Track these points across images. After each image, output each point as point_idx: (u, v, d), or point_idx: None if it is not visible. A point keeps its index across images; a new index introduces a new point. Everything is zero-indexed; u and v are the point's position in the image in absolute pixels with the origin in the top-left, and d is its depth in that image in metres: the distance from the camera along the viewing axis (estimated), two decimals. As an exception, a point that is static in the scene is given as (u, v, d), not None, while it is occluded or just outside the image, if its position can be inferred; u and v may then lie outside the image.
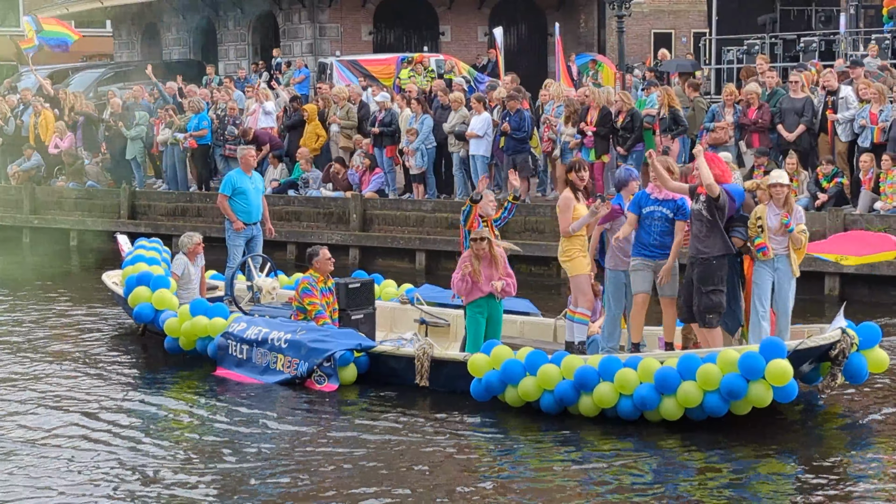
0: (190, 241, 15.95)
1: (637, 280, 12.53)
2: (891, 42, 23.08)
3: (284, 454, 11.03)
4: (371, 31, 36.81)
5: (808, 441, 11.55)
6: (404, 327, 15.17)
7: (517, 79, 23.38)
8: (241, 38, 38.38)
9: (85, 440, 11.38)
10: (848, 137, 19.12)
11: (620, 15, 23.92)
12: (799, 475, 10.36)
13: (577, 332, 13.20)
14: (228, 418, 12.24)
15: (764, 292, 12.12)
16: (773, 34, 25.27)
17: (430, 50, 34.32)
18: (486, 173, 21.54)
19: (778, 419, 11.85)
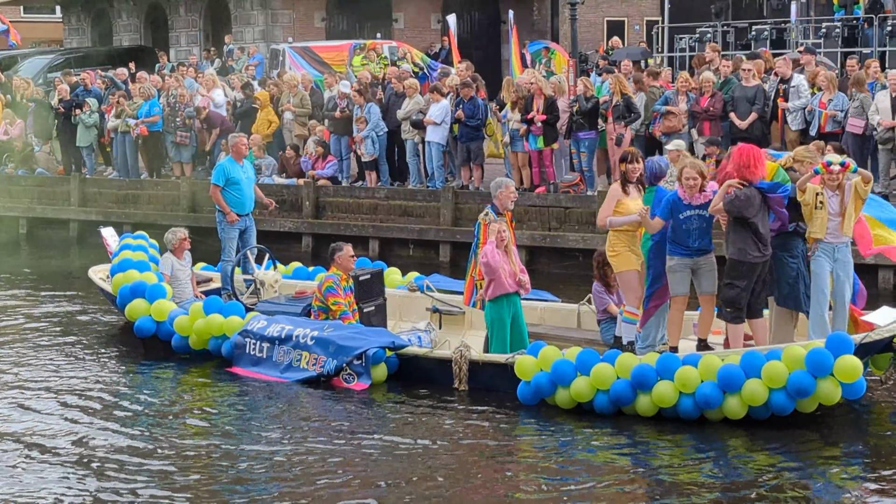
0: (174, 238, 15.52)
1: (675, 281, 12.13)
2: (841, 30, 23.25)
3: (321, 453, 10.91)
4: (324, 18, 36.65)
5: (871, 438, 11.33)
6: (414, 316, 14.92)
7: (471, 66, 23.33)
8: (193, 25, 38.11)
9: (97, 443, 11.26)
10: (799, 126, 19.22)
11: (573, 3, 23.94)
12: (865, 476, 10.15)
13: (626, 332, 12.72)
14: (252, 415, 12.16)
15: (823, 282, 11.78)
16: (725, 22, 25.39)
17: (383, 37, 34.22)
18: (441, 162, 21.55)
19: (839, 414, 11.61)
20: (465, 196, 21.23)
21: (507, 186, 13.24)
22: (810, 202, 11.70)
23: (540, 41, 34.64)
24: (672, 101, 19.95)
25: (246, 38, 35.81)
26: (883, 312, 11.74)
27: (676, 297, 12.17)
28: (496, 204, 13.16)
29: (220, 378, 13.60)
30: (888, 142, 18.19)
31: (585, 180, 20.49)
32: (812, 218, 11.77)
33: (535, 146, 20.45)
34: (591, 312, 13.88)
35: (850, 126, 18.31)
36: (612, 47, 31.43)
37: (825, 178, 11.70)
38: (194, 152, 24.74)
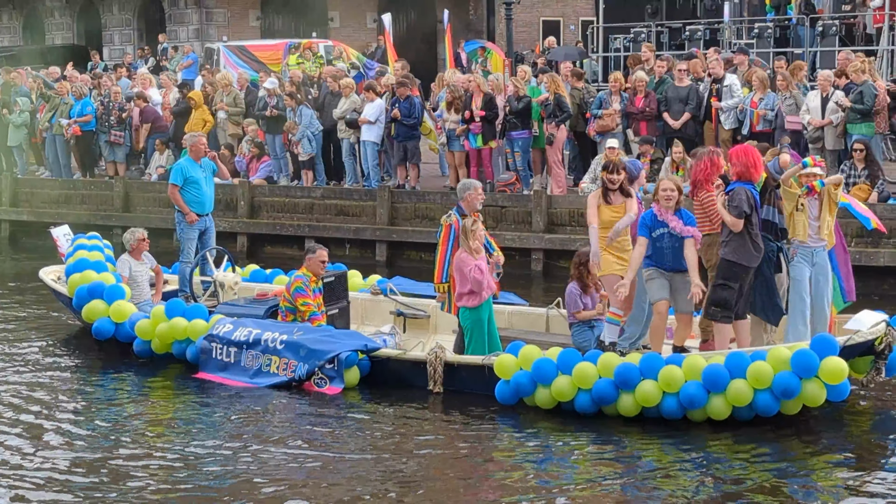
0: (133, 238, 15.11)
1: (654, 288, 12.00)
2: (773, 31, 23.48)
3: (293, 460, 10.66)
4: (259, 17, 36.49)
5: (853, 441, 11.28)
6: (378, 319, 14.65)
7: (407, 65, 23.32)
8: (126, 24, 37.80)
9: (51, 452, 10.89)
10: (731, 125, 19.40)
11: (509, 2, 24.00)
12: (847, 479, 10.08)
13: (608, 332, 12.48)
14: (218, 422, 11.84)
15: (803, 287, 11.76)
16: (660, 23, 25.55)
17: (318, 36, 34.12)
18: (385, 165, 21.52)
19: (822, 417, 11.55)
20: (401, 195, 21.20)
21: (476, 188, 13.01)
22: (792, 204, 11.73)
23: (476, 41, 34.67)
24: (606, 103, 20.06)
25: (180, 37, 35.58)
26: (864, 316, 11.66)
27: (658, 303, 11.99)
28: (463, 206, 12.95)
29: (185, 384, 13.20)
30: (817, 141, 18.40)
31: (521, 179, 20.53)
32: (793, 221, 11.78)
33: (475, 145, 20.47)
34: (561, 316, 13.71)
35: (788, 124, 18.50)
36: (547, 47, 31.53)
37: (804, 180, 11.73)
38: (128, 152, 24.51)
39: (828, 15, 23.25)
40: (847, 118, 17.99)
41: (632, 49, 24.20)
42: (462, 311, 12.65)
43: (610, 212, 12.38)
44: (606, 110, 19.96)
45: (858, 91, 17.83)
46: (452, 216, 12.81)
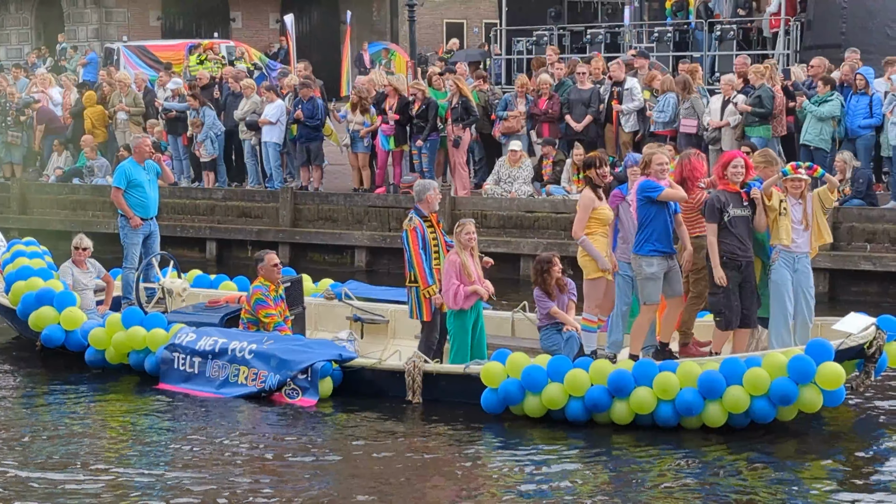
0: (80, 243, 14.61)
1: (653, 289, 11.75)
2: (672, 35, 23.76)
3: (264, 475, 10.28)
4: (159, 17, 36.09)
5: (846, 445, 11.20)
6: (333, 325, 14.24)
7: (309, 66, 23.21)
8: (24, 23, 37.13)
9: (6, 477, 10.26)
10: (632, 128, 19.59)
11: (412, 4, 24.00)
12: (841, 483, 10.02)
13: (586, 341, 12.31)
14: (183, 434, 11.38)
15: (785, 292, 11.68)
16: (562, 26, 25.73)
17: (220, 36, 33.86)
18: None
19: (814, 422, 11.46)
20: (303, 197, 21.10)
21: (434, 189, 12.76)
22: (776, 208, 11.67)
23: (379, 42, 34.70)
24: (511, 105, 20.16)
25: (79, 36, 35.04)
26: (852, 319, 11.60)
27: (652, 305, 11.82)
28: (421, 207, 12.64)
29: (145, 395, 12.69)
30: (716, 142, 18.66)
31: (425, 181, 20.51)
32: (776, 225, 11.72)
33: (387, 147, 20.44)
34: (526, 320, 13.53)
35: (683, 127, 18.73)
36: (450, 49, 31.61)
37: (788, 186, 11.72)
38: (25, 153, 24.08)
39: (725, 20, 23.57)
40: (745, 121, 18.26)
41: (534, 52, 24.33)
42: (449, 314, 12.35)
43: (608, 209, 12.20)
44: (512, 112, 20.05)
45: (757, 95, 18.11)
46: (414, 219, 12.56)
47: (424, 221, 12.57)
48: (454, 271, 12.21)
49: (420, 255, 12.45)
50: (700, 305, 12.36)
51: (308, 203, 21.04)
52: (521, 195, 19.40)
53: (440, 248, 12.60)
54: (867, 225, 16.57)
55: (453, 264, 12.25)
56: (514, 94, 20.44)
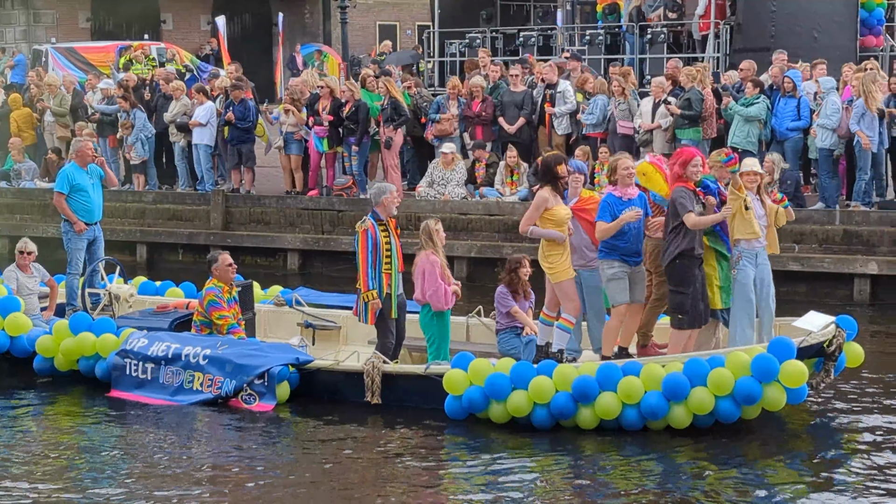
0: (24, 247, 14.26)
1: (619, 289, 11.74)
2: (604, 38, 23.87)
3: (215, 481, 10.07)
4: (89, 18, 35.72)
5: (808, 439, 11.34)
6: (283, 331, 14.00)
7: (240, 68, 23.08)
8: (-52, 24, 36.56)
9: None
10: (565, 130, 19.67)
11: (343, 6, 23.90)
12: (806, 482, 10.05)
13: (558, 340, 12.21)
14: (137, 443, 11.14)
15: (749, 291, 11.69)
16: (494, 28, 25.76)
17: (150, 38, 33.56)
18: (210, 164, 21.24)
19: (773, 419, 11.50)
20: (235, 199, 20.96)
21: (392, 192, 12.64)
22: (742, 201, 11.66)
23: (312, 44, 34.57)
24: (443, 108, 20.15)
25: (7, 38, 34.57)
26: (812, 317, 11.66)
27: (620, 306, 11.80)
28: (378, 211, 12.50)
29: (95, 403, 12.42)
30: (647, 144, 18.78)
31: (357, 183, 20.48)
32: (742, 221, 11.67)
33: (321, 149, 20.36)
34: (481, 325, 13.41)
35: (619, 128, 18.84)
36: (383, 52, 31.56)
37: (745, 181, 11.70)
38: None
39: (656, 23, 23.72)
40: (676, 123, 18.40)
41: (467, 54, 24.34)
42: (423, 314, 12.24)
43: (564, 210, 12.14)
44: (444, 114, 20.04)
45: (686, 98, 18.25)
46: (367, 221, 12.43)
47: (379, 225, 12.45)
48: (437, 272, 12.13)
49: (367, 258, 12.34)
50: (662, 308, 12.36)
51: (240, 206, 20.91)
52: (455, 197, 19.39)
53: (393, 253, 12.43)
54: (795, 226, 16.74)
55: (435, 265, 12.15)
56: (445, 97, 20.43)
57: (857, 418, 11.78)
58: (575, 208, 12.22)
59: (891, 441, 11.07)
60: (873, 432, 11.32)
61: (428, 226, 12.36)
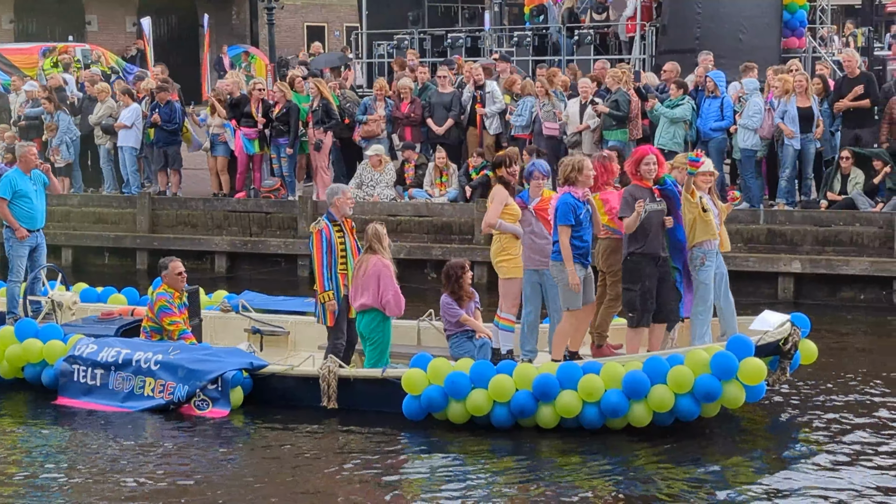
0: None
1: (573, 292, 11.63)
2: (532, 39, 23.96)
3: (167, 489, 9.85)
4: (12, 20, 35.29)
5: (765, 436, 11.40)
6: (230, 337, 13.75)
7: (166, 70, 22.89)
8: None
9: None
10: (496, 130, 19.72)
11: (270, 7, 23.80)
12: (764, 480, 10.08)
13: (504, 340, 12.26)
14: (85, 451, 10.83)
15: (710, 292, 11.72)
16: (422, 30, 25.77)
17: (75, 40, 33.17)
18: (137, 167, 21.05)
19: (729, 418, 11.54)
20: (162, 202, 20.80)
21: (344, 192, 12.55)
22: (698, 206, 11.68)
23: (239, 45, 34.37)
24: (370, 109, 20.13)
25: (-73, 39, 34.00)
26: (767, 316, 11.74)
27: (575, 310, 11.72)
28: (332, 212, 12.44)
29: (42, 411, 12.12)
30: (576, 145, 18.88)
31: (286, 185, 20.40)
32: (702, 224, 11.72)
33: (251, 150, 20.24)
34: (433, 328, 13.35)
35: (545, 129, 18.90)
36: (312, 53, 31.44)
37: (700, 181, 11.76)
38: None
39: (584, 24, 23.85)
40: (603, 124, 18.51)
41: (395, 55, 24.33)
42: (370, 320, 12.06)
43: (516, 207, 12.15)
44: (371, 116, 20.02)
45: (614, 98, 18.37)
46: (321, 222, 12.37)
47: (334, 226, 12.39)
48: (391, 276, 11.98)
49: (322, 259, 12.29)
50: (616, 308, 12.35)
51: (166, 208, 20.74)
52: (384, 199, 19.37)
53: (348, 254, 12.36)
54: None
55: (390, 269, 12.00)
56: (372, 98, 20.41)
57: (811, 415, 11.89)
58: (536, 208, 12.19)
59: (844, 436, 11.20)
60: (827, 429, 11.44)
61: (377, 230, 12.14)
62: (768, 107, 17.87)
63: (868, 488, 9.83)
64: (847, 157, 17.65)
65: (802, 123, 17.74)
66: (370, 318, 12.07)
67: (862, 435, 11.19)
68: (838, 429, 11.40)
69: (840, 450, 10.80)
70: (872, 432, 11.26)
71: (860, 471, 10.24)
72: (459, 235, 18.95)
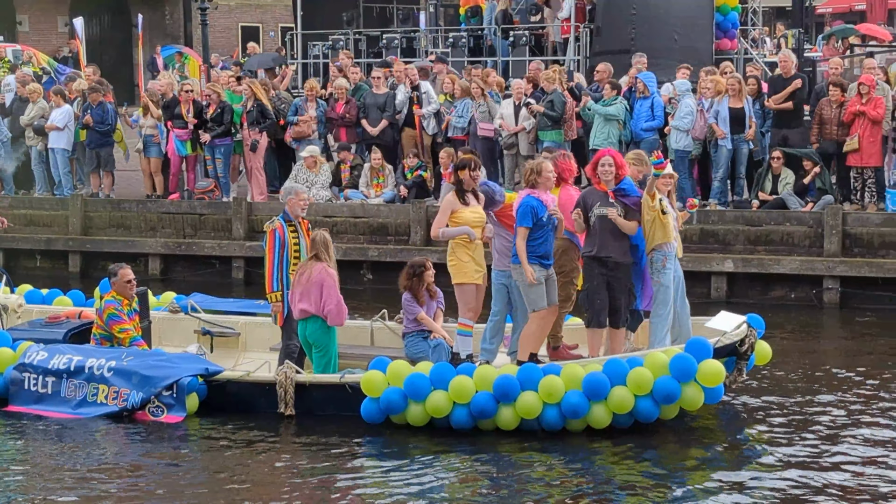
0: None
1: (538, 294, 11.63)
2: (467, 40, 23.99)
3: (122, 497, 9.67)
4: (-59, 19, 34.75)
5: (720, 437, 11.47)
6: (180, 339, 13.63)
7: (98, 70, 22.67)
8: None
9: None
10: (433, 130, 19.74)
11: (204, 8, 23.61)
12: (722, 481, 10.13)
13: (462, 345, 12.15)
14: (37, 458, 10.66)
15: (670, 293, 11.77)
16: (357, 30, 25.72)
17: (6, 40, 32.76)
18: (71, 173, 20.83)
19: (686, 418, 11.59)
20: (95, 204, 20.62)
21: (297, 193, 12.46)
22: (657, 208, 11.67)
23: (173, 46, 34.13)
24: (301, 110, 20.08)
25: None
26: (724, 318, 11.80)
27: (540, 311, 11.69)
28: (288, 211, 12.40)
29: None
30: (512, 147, 18.93)
31: (220, 187, 20.29)
32: (661, 227, 11.73)
33: (184, 152, 20.10)
34: (386, 328, 13.31)
35: (480, 130, 18.95)
36: (248, 53, 31.27)
37: (660, 184, 11.77)
38: None
39: (519, 26, 23.91)
40: (538, 125, 18.58)
41: (330, 56, 24.27)
42: (314, 327, 11.91)
43: (470, 213, 12.08)
44: (302, 117, 19.96)
45: (549, 99, 18.45)
46: (276, 221, 12.30)
47: (289, 225, 12.31)
48: (334, 285, 11.87)
49: (272, 259, 12.22)
50: (568, 309, 12.40)
51: (99, 210, 20.57)
52: (320, 200, 19.32)
53: (302, 254, 12.25)
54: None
55: (335, 278, 11.90)
56: (304, 99, 20.36)
57: (761, 413, 12.01)
58: (498, 213, 12.14)
59: (795, 433, 11.35)
60: (778, 427, 11.57)
61: (325, 239, 12.02)
62: (700, 108, 18.06)
63: (819, 483, 10.01)
64: (778, 158, 17.87)
65: (734, 124, 17.95)
66: (313, 325, 11.98)
67: (812, 432, 11.36)
68: (788, 427, 11.54)
69: (792, 447, 10.94)
70: (823, 429, 11.47)
71: (812, 467, 10.39)
72: (396, 236, 18.95)
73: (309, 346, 12.10)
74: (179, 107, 19.96)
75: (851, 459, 10.61)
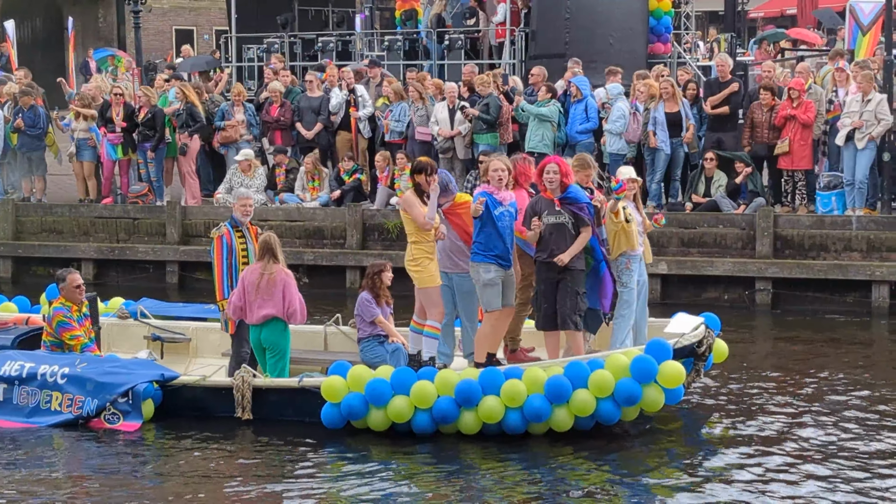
0: None
1: (493, 295, 11.57)
2: (403, 44, 23.99)
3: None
4: None
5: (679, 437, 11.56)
6: (129, 345, 13.34)
7: (29, 73, 22.44)
8: None
9: None
10: (369, 134, 19.73)
11: (136, 10, 23.42)
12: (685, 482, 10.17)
13: (428, 347, 12.00)
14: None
15: (633, 296, 11.83)
16: (293, 33, 25.63)
17: (-65, 43, 32.29)
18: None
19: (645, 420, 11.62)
20: (26, 209, 20.43)
21: (240, 198, 12.37)
22: (621, 223, 11.69)
23: (105, 48, 33.84)
24: (228, 114, 19.99)
25: None
26: (681, 320, 11.88)
27: (494, 311, 11.65)
28: (235, 216, 12.32)
29: None
30: (448, 151, 18.96)
31: (154, 190, 20.15)
32: (626, 236, 11.77)
33: (115, 156, 19.95)
34: (340, 333, 13.18)
35: (418, 134, 18.96)
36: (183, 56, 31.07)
37: (627, 193, 11.83)
38: None
39: (454, 30, 23.94)
40: (474, 129, 18.61)
41: (265, 59, 24.17)
42: (273, 330, 11.77)
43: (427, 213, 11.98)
44: (229, 121, 19.88)
45: (485, 103, 18.48)
46: (223, 227, 12.19)
47: (236, 231, 12.22)
48: (295, 284, 11.79)
49: (221, 265, 12.12)
50: (527, 312, 12.37)
51: (31, 215, 20.36)
52: (255, 204, 19.14)
53: (250, 259, 12.15)
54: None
55: (291, 276, 11.80)
56: (230, 103, 20.27)
57: (718, 413, 12.16)
58: (446, 211, 12.08)
59: (751, 433, 11.47)
60: (733, 428, 11.71)
61: (275, 240, 11.93)
62: (633, 111, 18.18)
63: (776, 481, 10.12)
64: (711, 160, 18.04)
65: (671, 128, 18.10)
66: (273, 328, 11.82)
67: (766, 432, 11.49)
68: (744, 428, 11.65)
69: (749, 447, 11.05)
70: (775, 427, 11.62)
71: (770, 466, 10.49)
72: (332, 240, 18.92)
73: (262, 350, 11.97)
74: (110, 110, 19.80)
75: (806, 455, 10.79)
